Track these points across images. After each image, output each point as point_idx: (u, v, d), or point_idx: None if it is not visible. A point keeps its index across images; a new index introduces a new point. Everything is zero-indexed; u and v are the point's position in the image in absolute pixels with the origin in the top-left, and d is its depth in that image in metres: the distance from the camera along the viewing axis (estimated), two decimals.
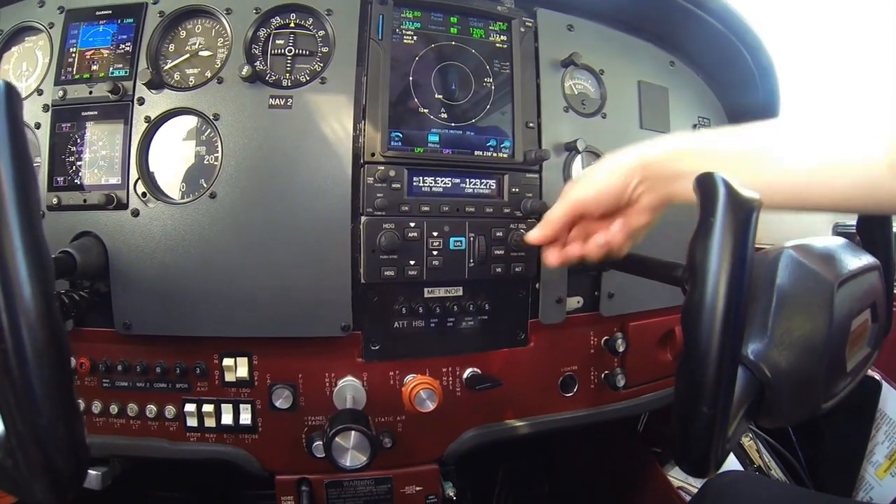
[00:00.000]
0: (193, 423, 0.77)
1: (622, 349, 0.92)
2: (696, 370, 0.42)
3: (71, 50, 0.77)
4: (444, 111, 0.81)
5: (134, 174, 0.74)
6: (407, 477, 0.85)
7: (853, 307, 0.57)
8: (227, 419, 0.77)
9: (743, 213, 0.43)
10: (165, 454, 0.77)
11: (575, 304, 0.90)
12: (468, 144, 0.82)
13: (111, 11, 0.77)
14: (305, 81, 0.77)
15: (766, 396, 0.51)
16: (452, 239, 0.79)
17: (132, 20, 0.77)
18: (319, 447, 0.77)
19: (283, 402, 0.77)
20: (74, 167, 0.75)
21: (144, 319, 0.73)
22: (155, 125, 0.75)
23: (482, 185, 0.82)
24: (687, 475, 1.16)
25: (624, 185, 0.62)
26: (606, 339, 0.93)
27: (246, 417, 0.78)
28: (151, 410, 0.77)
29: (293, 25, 0.79)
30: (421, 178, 0.79)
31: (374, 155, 0.76)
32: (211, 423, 0.77)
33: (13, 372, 0.37)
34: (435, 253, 0.78)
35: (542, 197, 0.85)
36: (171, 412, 0.77)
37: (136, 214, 0.73)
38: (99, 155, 0.75)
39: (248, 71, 0.73)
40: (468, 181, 0.81)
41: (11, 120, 0.38)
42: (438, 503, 0.87)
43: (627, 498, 1.26)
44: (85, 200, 0.73)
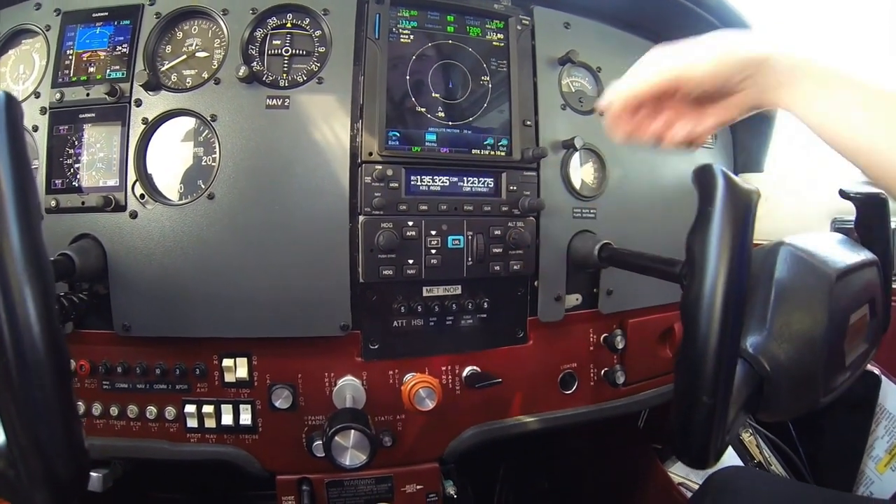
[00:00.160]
0: (194, 423, 0.77)
1: (621, 346, 0.92)
2: (695, 359, 0.42)
3: (68, 52, 0.77)
4: (441, 110, 0.81)
5: (132, 176, 0.74)
6: (407, 475, 0.85)
7: (852, 301, 0.57)
8: (227, 420, 0.78)
9: (742, 203, 0.43)
10: (166, 455, 0.77)
11: (574, 301, 0.90)
12: (466, 143, 0.82)
13: (108, 13, 0.77)
14: (302, 81, 0.77)
15: (764, 390, 0.51)
16: (451, 237, 0.79)
17: (129, 22, 0.77)
18: (319, 447, 0.77)
19: (282, 402, 0.77)
20: (72, 169, 0.75)
21: (144, 321, 0.73)
22: (152, 127, 0.75)
23: (480, 183, 0.82)
24: (687, 472, 1.17)
25: (735, 72, 0.52)
26: (605, 336, 0.93)
27: (246, 418, 0.78)
28: (151, 412, 0.77)
29: (290, 25, 0.79)
30: (419, 176, 0.79)
31: (371, 154, 0.76)
32: (211, 423, 0.77)
33: (13, 382, 0.37)
34: (433, 252, 0.79)
35: (539, 195, 0.85)
36: (171, 413, 0.77)
37: (134, 216, 0.73)
38: (97, 157, 0.75)
39: (244, 71, 0.73)
40: (466, 180, 0.81)
41: (11, 131, 0.38)
42: (439, 502, 0.87)
43: (628, 494, 1.27)
44: (83, 203, 0.73)
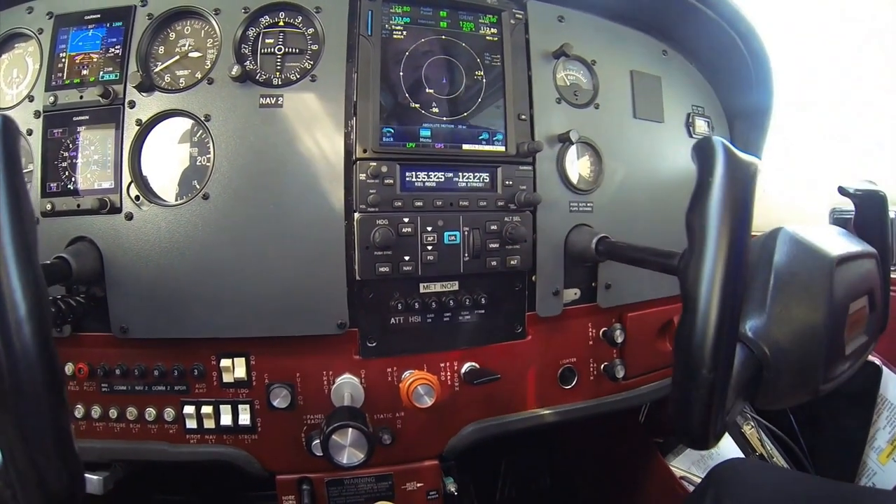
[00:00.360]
0: (193, 424, 0.77)
1: (621, 340, 0.92)
2: (695, 332, 0.41)
3: (61, 55, 0.77)
4: (435, 105, 0.81)
5: (127, 178, 0.74)
6: (407, 473, 0.85)
7: (851, 290, 0.56)
8: (226, 420, 0.77)
9: (743, 172, 0.42)
10: (166, 457, 0.77)
11: (572, 295, 0.90)
12: (460, 138, 0.81)
13: (100, 15, 0.77)
14: (296, 80, 0.77)
15: (764, 376, 0.51)
16: (447, 233, 0.79)
17: (121, 23, 0.77)
18: (318, 446, 0.77)
19: (281, 401, 0.77)
20: (67, 172, 0.75)
21: (141, 323, 0.73)
22: (146, 128, 0.75)
23: (475, 178, 0.82)
24: (689, 466, 1.16)
25: None
26: (605, 330, 0.92)
27: (245, 418, 0.78)
28: (151, 413, 0.77)
29: (282, 24, 0.79)
30: (414, 173, 0.79)
31: (366, 151, 0.76)
32: (210, 424, 0.77)
33: (9, 405, 0.38)
34: (429, 248, 0.78)
35: (535, 189, 0.84)
36: (170, 415, 0.77)
37: (129, 218, 0.73)
38: (91, 159, 0.75)
39: (237, 71, 0.73)
40: (461, 175, 0.81)
41: (7, 153, 0.39)
42: (440, 499, 0.87)
43: (630, 488, 1.26)
44: (79, 205, 0.73)
